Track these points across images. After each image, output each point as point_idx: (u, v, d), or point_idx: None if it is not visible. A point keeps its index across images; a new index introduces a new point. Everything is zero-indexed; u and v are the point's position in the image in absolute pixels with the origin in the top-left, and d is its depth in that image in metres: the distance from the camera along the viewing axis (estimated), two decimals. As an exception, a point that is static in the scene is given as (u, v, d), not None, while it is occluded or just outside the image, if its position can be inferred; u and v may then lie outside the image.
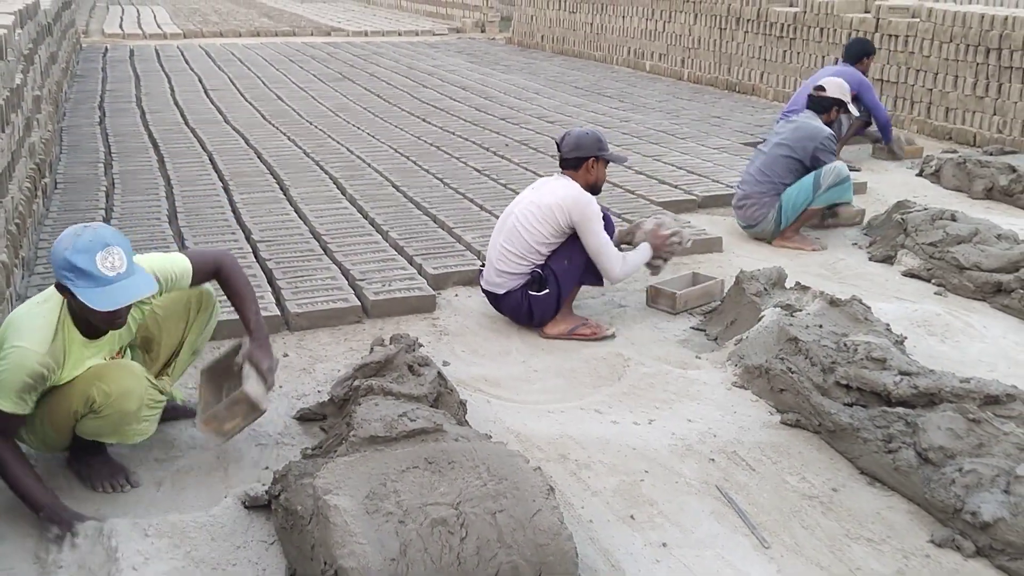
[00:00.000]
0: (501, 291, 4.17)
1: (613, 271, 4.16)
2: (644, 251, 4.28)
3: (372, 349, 3.42)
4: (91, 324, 2.83)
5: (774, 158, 5.43)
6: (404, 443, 2.67)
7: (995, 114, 7.86)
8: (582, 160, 4.16)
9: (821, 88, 5.63)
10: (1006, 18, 7.69)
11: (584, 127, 4.57)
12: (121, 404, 2.81)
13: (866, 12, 9.27)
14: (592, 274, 4.19)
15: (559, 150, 4.22)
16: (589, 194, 4.11)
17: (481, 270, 4.36)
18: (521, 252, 4.11)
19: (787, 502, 2.92)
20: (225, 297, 3.15)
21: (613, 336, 4.15)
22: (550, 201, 4.07)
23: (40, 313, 2.79)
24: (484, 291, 4.31)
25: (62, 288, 2.73)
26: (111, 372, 2.83)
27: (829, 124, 5.55)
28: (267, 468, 3.04)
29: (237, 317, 3.17)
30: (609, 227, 4.21)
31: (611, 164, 4.37)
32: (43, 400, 2.81)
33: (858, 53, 7.46)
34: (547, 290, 4.09)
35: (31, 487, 2.74)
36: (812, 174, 5.36)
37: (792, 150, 5.39)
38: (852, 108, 5.79)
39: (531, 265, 4.12)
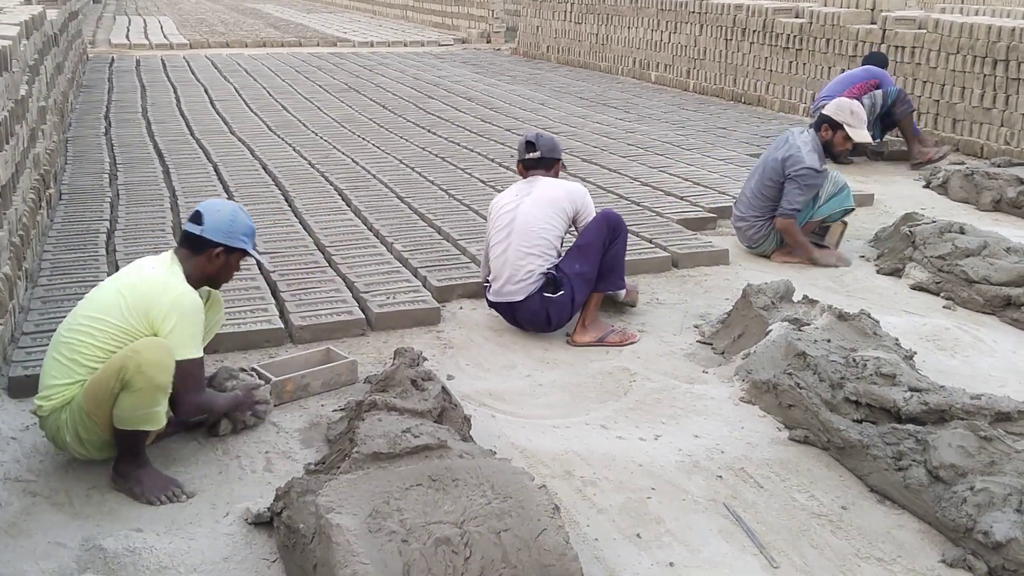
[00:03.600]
0: (520, 297, 4.16)
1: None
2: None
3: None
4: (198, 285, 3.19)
5: (765, 183, 5.26)
6: (408, 460, 2.63)
7: (1003, 125, 7.82)
8: (555, 161, 4.40)
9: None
10: (1013, 29, 7.66)
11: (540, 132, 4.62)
12: (153, 375, 2.87)
13: (872, 23, 9.25)
14: (607, 280, 4.20)
15: (535, 150, 4.31)
16: None
17: (487, 286, 4.34)
18: (541, 251, 4.15)
19: (796, 520, 2.88)
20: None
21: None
22: (554, 194, 4.23)
23: (175, 272, 3.11)
24: (494, 304, 4.30)
25: (204, 250, 3.13)
26: (144, 344, 2.92)
27: (827, 145, 5.27)
28: (270, 484, 3.01)
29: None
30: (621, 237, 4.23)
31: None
32: (80, 393, 2.92)
33: (881, 62, 8.06)
34: (562, 291, 4.11)
35: (222, 401, 3.26)
36: None
37: (777, 175, 5.21)
38: (854, 134, 5.25)
39: (547, 265, 4.16)
